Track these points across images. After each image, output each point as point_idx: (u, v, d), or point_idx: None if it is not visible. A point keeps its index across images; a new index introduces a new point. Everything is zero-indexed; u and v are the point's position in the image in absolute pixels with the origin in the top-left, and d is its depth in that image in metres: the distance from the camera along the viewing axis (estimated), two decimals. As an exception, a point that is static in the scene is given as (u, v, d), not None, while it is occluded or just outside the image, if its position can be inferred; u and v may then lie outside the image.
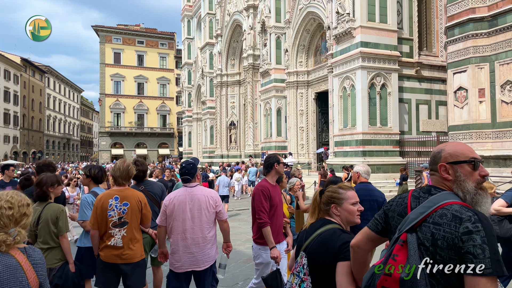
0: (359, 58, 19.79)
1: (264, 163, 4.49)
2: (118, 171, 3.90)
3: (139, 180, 4.93)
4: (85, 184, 4.98)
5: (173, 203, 3.77)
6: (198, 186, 3.85)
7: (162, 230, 3.90)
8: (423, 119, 22.34)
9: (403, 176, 14.33)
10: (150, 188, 4.89)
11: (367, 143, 19.92)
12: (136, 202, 3.88)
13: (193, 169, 3.83)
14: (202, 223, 3.78)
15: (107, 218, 3.82)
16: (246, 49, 33.22)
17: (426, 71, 22.39)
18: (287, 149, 28.08)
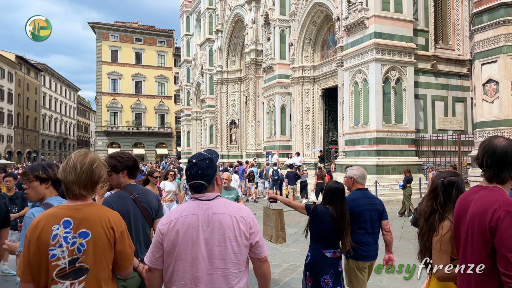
0: (373, 50, 18.33)
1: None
2: (73, 172, 2.16)
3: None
4: (35, 195, 2.83)
5: (175, 230, 2.15)
6: (219, 198, 2.26)
7: (156, 276, 2.27)
8: (439, 117, 20.87)
9: (407, 178, 13.09)
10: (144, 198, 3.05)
11: (381, 142, 18.44)
12: (104, 230, 2.13)
13: (210, 168, 2.21)
14: (227, 264, 2.17)
15: (48, 262, 2.05)
16: (248, 44, 31.71)
17: (442, 65, 20.94)
18: (291, 148, 26.58)
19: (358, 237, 3.98)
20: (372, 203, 4.11)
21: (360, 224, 4.02)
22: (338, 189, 3.92)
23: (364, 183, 4.26)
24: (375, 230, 4.10)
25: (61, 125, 79.43)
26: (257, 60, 31.38)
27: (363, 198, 4.10)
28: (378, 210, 4.11)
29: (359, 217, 4.00)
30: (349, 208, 3.94)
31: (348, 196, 4.14)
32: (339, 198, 3.88)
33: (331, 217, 3.79)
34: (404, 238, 9.33)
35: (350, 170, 4.27)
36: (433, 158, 19.32)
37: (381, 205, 4.20)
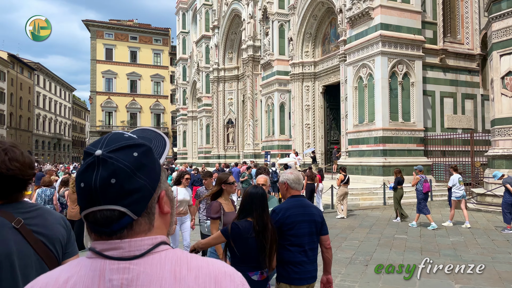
0: (379, 43, 17.14)
1: None
2: None
3: (8, 199, 1.63)
4: None
5: None
6: (160, 253, 0.87)
7: None
8: (448, 114, 19.71)
9: (398, 179, 11.93)
10: (40, 225, 1.60)
11: (388, 141, 17.24)
12: None
13: (143, 171, 0.88)
14: None
15: None
16: (245, 40, 30.49)
17: (451, 59, 19.79)
18: (291, 148, 25.34)
19: (290, 255, 3.32)
20: (308, 213, 3.41)
21: (292, 239, 3.32)
22: (257, 195, 3.35)
23: (300, 189, 3.58)
24: (312, 247, 3.40)
25: (55, 125, 77.99)
26: (254, 56, 30.17)
27: (298, 207, 3.41)
28: (315, 222, 3.41)
29: (291, 230, 3.31)
30: (279, 219, 3.31)
31: (280, 204, 3.52)
32: (259, 205, 3.30)
33: (255, 232, 3.22)
34: (426, 250, 8.10)
35: (283, 174, 3.60)
36: (443, 158, 18.13)
37: (320, 216, 3.48)
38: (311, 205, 3.57)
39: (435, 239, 9.11)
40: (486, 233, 9.77)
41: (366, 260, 7.39)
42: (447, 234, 9.67)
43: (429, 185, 11.14)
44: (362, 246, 8.57)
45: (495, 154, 13.42)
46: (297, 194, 3.53)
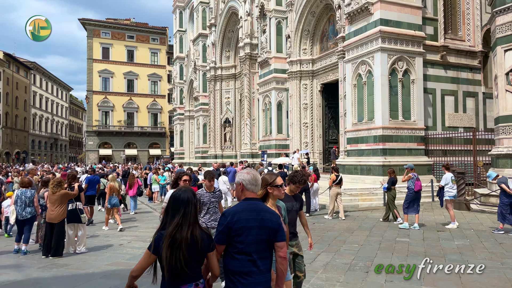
0: (378, 39, 16.67)
1: None
2: None
3: None
4: None
5: None
6: None
7: None
8: (449, 113, 19.26)
9: (391, 179, 11.54)
10: None
11: (388, 140, 16.77)
12: None
13: None
14: None
15: None
16: (242, 37, 29.99)
17: (452, 56, 19.34)
18: (289, 147, 24.88)
19: (237, 264, 2.96)
20: (261, 219, 3.03)
21: (240, 246, 2.96)
22: (179, 199, 2.94)
23: (257, 191, 3.23)
24: (264, 255, 3.03)
25: (52, 125, 77.48)
26: (252, 54, 29.66)
27: (250, 211, 3.05)
28: (269, 228, 3.03)
29: (239, 237, 2.96)
30: (227, 223, 2.97)
31: (231, 207, 3.14)
32: (181, 212, 2.90)
33: (165, 241, 2.83)
34: (431, 255, 7.60)
35: (239, 174, 3.28)
36: (444, 158, 17.65)
37: (276, 222, 3.09)
38: (267, 209, 3.17)
39: (439, 243, 8.63)
40: (493, 236, 9.29)
41: (367, 266, 6.90)
42: (451, 237, 9.18)
43: (421, 184, 10.81)
44: (362, 250, 8.09)
45: (499, 153, 12.95)
46: (252, 197, 3.16)
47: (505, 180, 9.74)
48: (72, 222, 8.20)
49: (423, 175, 16.96)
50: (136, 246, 9.11)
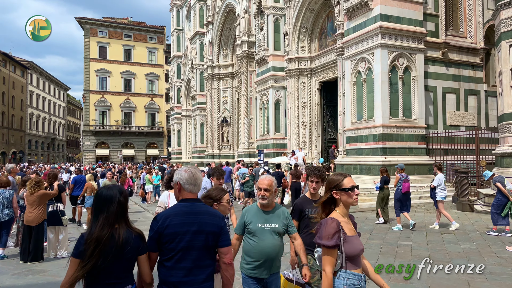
0: (378, 35, 16.18)
1: None
2: None
3: None
4: None
5: None
6: None
7: None
8: (450, 111, 18.78)
9: (384, 178, 11.16)
10: None
11: (388, 139, 16.28)
12: None
13: None
14: None
15: None
16: (239, 35, 29.49)
17: (453, 53, 18.86)
18: (287, 147, 24.36)
19: (168, 274, 2.68)
20: (199, 222, 2.74)
21: (172, 253, 2.67)
22: (102, 197, 2.66)
23: (197, 191, 2.92)
24: (201, 263, 2.74)
25: (49, 124, 76.89)
26: (249, 52, 29.17)
27: (185, 214, 2.75)
28: (208, 233, 2.75)
29: (170, 243, 2.67)
30: (158, 229, 2.68)
31: (165, 210, 2.88)
32: (106, 208, 2.62)
33: (86, 244, 2.54)
34: (436, 259, 7.10)
35: (177, 172, 2.96)
36: (445, 157, 17.18)
37: (218, 225, 2.80)
38: (207, 211, 2.83)
39: (444, 246, 8.15)
40: (500, 239, 8.81)
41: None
42: (456, 240, 8.70)
43: (409, 185, 10.53)
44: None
45: (504, 152, 12.48)
46: (190, 198, 2.85)
47: (501, 179, 9.42)
48: (53, 225, 7.68)
49: (424, 175, 16.56)
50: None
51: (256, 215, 3.70)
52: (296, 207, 4.22)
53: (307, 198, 4.25)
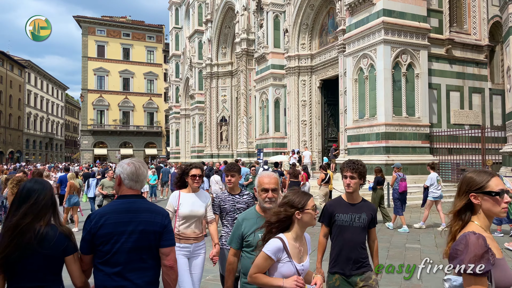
0: (381, 30, 15.74)
1: None
2: None
3: None
4: None
5: None
6: None
7: None
8: (454, 109, 18.33)
9: (377, 179, 10.77)
10: None
11: (391, 137, 15.84)
12: None
13: None
14: None
15: None
16: (239, 33, 29.04)
17: (457, 50, 18.42)
18: (286, 146, 23.91)
19: (102, 278, 2.43)
20: (138, 221, 2.49)
21: (107, 256, 2.42)
22: (22, 192, 2.43)
23: (138, 188, 2.63)
24: (138, 266, 2.47)
25: (47, 124, 76.36)
26: (248, 50, 28.73)
27: (122, 212, 2.48)
28: (148, 232, 2.50)
29: (105, 245, 2.42)
30: (91, 228, 2.43)
31: (100, 208, 2.61)
32: (25, 205, 2.37)
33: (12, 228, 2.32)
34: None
35: (120, 165, 2.65)
36: (449, 157, 16.74)
37: (160, 224, 2.54)
38: (148, 208, 2.55)
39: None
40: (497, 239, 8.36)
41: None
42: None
43: (406, 185, 10.39)
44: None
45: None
46: (130, 194, 2.57)
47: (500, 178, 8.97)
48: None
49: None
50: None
51: (257, 224, 2.90)
52: (326, 210, 3.52)
53: (341, 200, 3.51)
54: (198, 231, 4.20)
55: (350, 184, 3.40)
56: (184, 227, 4.14)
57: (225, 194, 4.37)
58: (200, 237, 4.22)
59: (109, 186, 11.01)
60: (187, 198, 4.19)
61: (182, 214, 4.12)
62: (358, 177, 3.40)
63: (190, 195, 4.23)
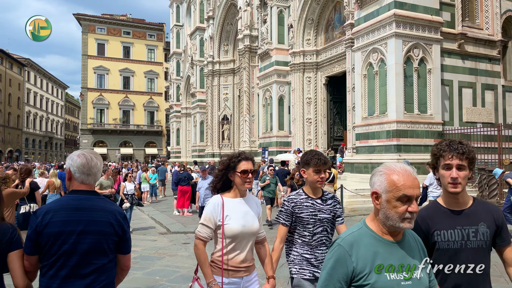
0: (392, 23, 15.04)
1: None
2: None
3: None
4: None
5: None
6: None
7: None
8: (466, 107, 17.61)
9: None
10: None
11: (402, 135, 15.14)
12: None
13: None
14: None
15: None
16: (241, 29, 28.34)
17: (470, 45, 17.72)
18: (291, 145, 23.21)
19: (49, 285, 2.10)
20: (89, 220, 2.14)
21: (53, 258, 2.09)
22: None
23: (91, 182, 2.29)
24: (89, 269, 2.12)
25: (47, 123, 75.77)
26: (251, 47, 28.02)
27: (71, 209, 2.14)
28: (101, 233, 2.16)
29: (51, 246, 2.09)
30: (36, 227, 2.10)
31: (47, 204, 2.29)
32: None
33: None
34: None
35: (69, 158, 2.31)
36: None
37: (117, 225, 2.20)
38: (103, 207, 2.26)
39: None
40: None
41: None
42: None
43: None
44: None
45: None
46: (82, 190, 2.28)
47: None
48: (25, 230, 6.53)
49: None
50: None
51: (386, 253, 1.73)
52: (417, 225, 2.06)
53: (439, 207, 2.24)
54: (250, 257, 2.87)
55: (458, 179, 2.13)
56: (232, 253, 2.79)
57: (302, 195, 3.16)
58: (252, 266, 2.91)
59: (108, 186, 10.35)
60: (235, 206, 2.84)
61: (231, 231, 2.76)
62: (468, 167, 2.18)
63: (238, 201, 2.87)
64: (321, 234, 3.11)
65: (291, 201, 3.13)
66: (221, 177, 2.93)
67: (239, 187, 2.86)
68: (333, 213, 3.14)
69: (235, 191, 2.89)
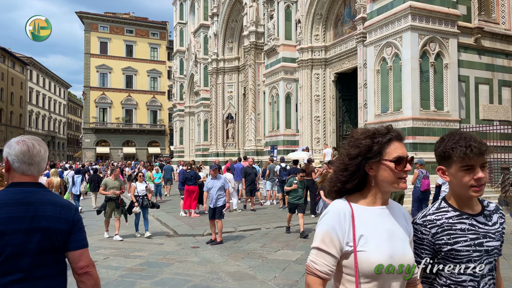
0: (408, 16, 14.40)
1: None
2: None
3: None
4: None
5: None
6: None
7: None
8: (483, 104, 16.97)
9: None
10: None
11: (419, 133, 14.51)
12: None
13: None
14: None
15: None
16: (247, 25, 27.69)
17: (486, 40, 17.07)
18: (298, 144, 22.57)
19: None
20: (34, 216, 1.85)
21: None
22: None
23: (34, 172, 1.97)
24: (41, 274, 1.86)
25: (49, 122, 75.39)
26: (257, 43, 27.37)
27: (15, 204, 1.86)
28: (50, 231, 1.87)
29: None
30: None
31: None
32: None
33: None
34: None
35: (6, 146, 2.00)
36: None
37: (66, 220, 1.92)
38: (51, 200, 1.92)
39: None
40: None
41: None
42: None
43: (429, 183, 9.67)
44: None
45: None
46: (24, 182, 1.93)
47: None
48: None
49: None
50: (113, 264, 6.84)
51: None
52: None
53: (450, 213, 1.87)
54: None
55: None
56: None
57: (450, 212, 1.87)
58: None
59: (114, 187, 9.73)
60: (375, 221, 1.67)
61: (370, 265, 1.63)
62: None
63: (378, 212, 1.70)
64: (490, 276, 1.84)
65: (431, 224, 1.84)
66: (355, 169, 1.68)
67: (384, 188, 1.68)
68: (502, 238, 1.90)
69: (373, 194, 1.71)
